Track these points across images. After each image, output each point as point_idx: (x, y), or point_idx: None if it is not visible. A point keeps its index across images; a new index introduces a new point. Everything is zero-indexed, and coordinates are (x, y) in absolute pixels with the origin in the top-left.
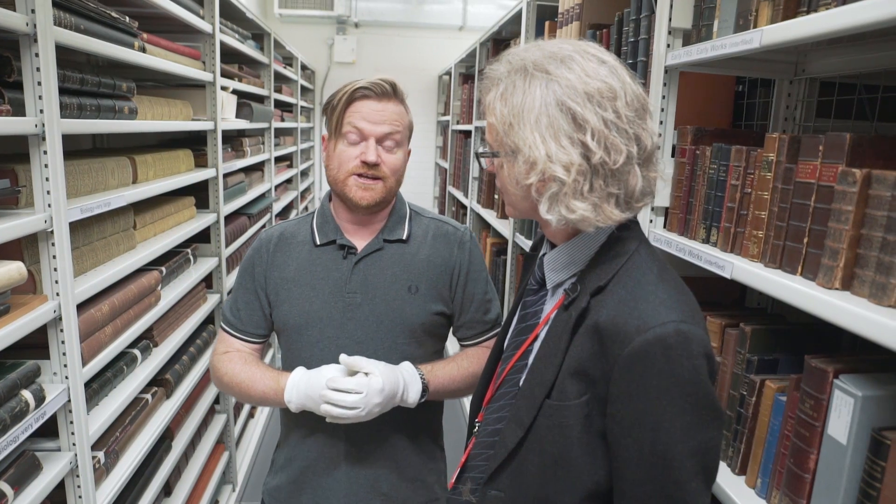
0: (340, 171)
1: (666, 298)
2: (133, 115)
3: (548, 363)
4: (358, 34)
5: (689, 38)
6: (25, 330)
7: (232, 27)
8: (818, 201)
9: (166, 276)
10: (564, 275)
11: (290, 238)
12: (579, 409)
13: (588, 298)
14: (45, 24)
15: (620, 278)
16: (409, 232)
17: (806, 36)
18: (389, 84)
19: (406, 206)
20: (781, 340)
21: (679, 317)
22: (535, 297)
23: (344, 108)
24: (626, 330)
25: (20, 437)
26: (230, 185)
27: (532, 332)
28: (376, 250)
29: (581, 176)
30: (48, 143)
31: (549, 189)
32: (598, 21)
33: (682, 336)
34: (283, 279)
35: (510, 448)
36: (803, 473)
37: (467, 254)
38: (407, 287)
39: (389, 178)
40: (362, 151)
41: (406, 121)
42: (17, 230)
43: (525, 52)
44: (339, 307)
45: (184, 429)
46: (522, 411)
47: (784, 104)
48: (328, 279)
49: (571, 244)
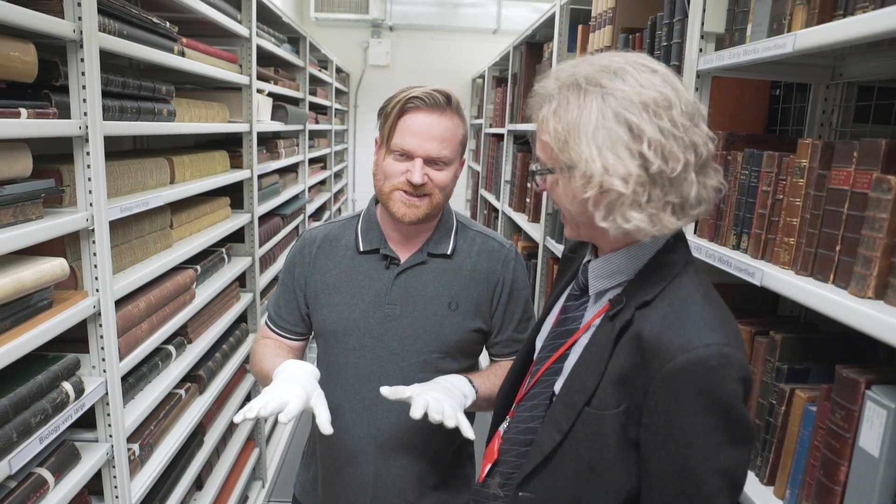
0: (386, 184)
1: (711, 320)
2: (172, 117)
3: (589, 371)
4: (392, 37)
5: (722, 43)
6: (66, 324)
7: (268, 31)
8: (851, 208)
9: (201, 275)
10: (610, 283)
11: (335, 241)
12: (617, 418)
13: (633, 311)
14: (91, 30)
15: (666, 294)
16: (455, 246)
17: (841, 40)
18: (444, 96)
19: (454, 217)
20: (813, 349)
21: (723, 340)
22: (577, 302)
23: (396, 119)
24: (670, 347)
25: (61, 426)
26: (264, 186)
27: (571, 336)
28: (419, 263)
29: (640, 186)
30: (91, 144)
31: (606, 198)
32: (631, 25)
33: (724, 359)
34: (324, 283)
35: (546, 452)
36: (833, 486)
37: (511, 272)
38: (447, 303)
39: (436, 195)
40: (408, 170)
41: (459, 135)
42: (61, 228)
43: (574, 68)
44: (377, 317)
45: (216, 424)
46: (561, 417)
47: (820, 109)
48: (369, 288)
49: (620, 254)
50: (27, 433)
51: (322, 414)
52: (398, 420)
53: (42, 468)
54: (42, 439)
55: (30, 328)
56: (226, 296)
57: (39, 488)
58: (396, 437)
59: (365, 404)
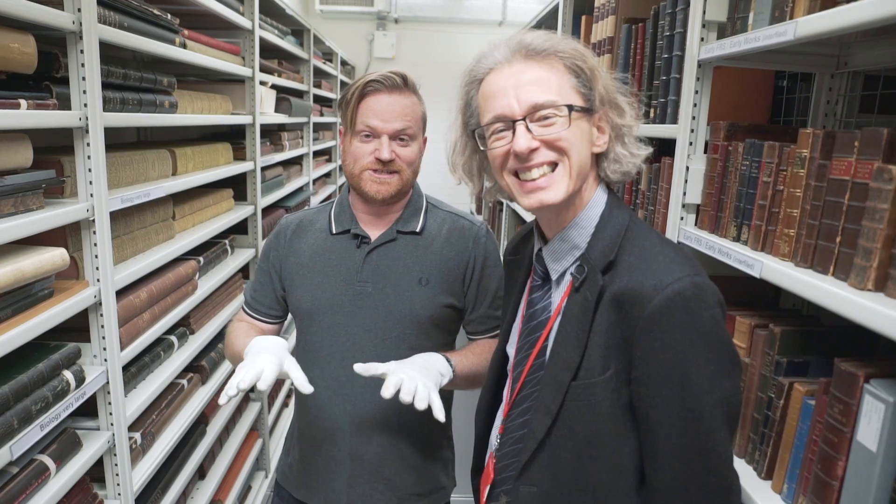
0: (356, 166)
1: (675, 256)
2: (174, 109)
3: (569, 346)
4: (398, 30)
5: (724, 32)
6: (67, 314)
7: (272, 23)
8: (852, 199)
9: (203, 266)
10: (568, 261)
11: (309, 225)
12: (606, 384)
13: (600, 276)
14: (90, 21)
15: (625, 249)
16: (424, 224)
17: (844, 26)
18: (400, 76)
19: (423, 198)
20: (813, 343)
21: (691, 271)
22: (541, 292)
23: (357, 104)
24: (644, 291)
25: (62, 414)
26: (268, 178)
27: (546, 326)
28: (389, 241)
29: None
30: (91, 135)
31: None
32: (634, 15)
33: (697, 288)
34: (298, 265)
35: (539, 438)
36: (831, 480)
37: (482, 249)
38: (418, 279)
39: (405, 171)
40: (376, 148)
41: (419, 112)
42: (61, 218)
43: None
44: (349, 295)
45: (218, 415)
46: (549, 399)
47: (824, 99)
48: (340, 267)
49: (567, 231)
50: (28, 420)
51: (297, 376)
52: (373, 398)
53: (44, 455)
54: (43, 426)
55: (31, 317)
56: (229, 287)
57: (41, 474)
58: (372, 415)
59: (340, 382)
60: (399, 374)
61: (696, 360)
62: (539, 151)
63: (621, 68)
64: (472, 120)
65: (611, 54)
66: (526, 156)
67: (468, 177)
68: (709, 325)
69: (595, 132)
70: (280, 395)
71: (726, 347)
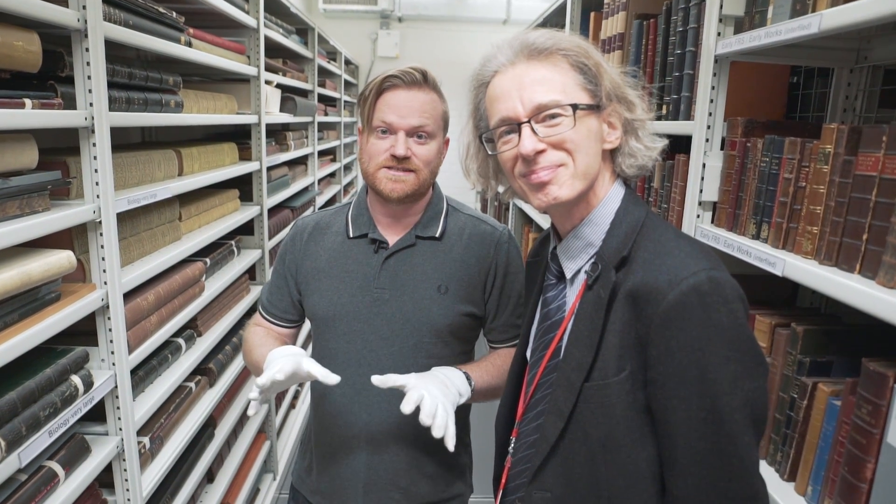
0: (371, 163)
1: (691, 251)
2: (179, 108)
3: (582, 346)
4: (402, 28)
5: (742, 26)
6: (75, 317)
7: (276, 22)
8: (880, 195)
9: (210, 267)
10: (583, 259)
11: (325, 228)
12: (621, 385)
13: (614, 273)
14: (95, 19)
15: (640, 244)
16: (444, 229)
17: (871, 18)
18: (420, 72)
19: (444, 201)
20: (836, 342)
21: (708, 265)
22: (556, 291)
23: (374, 100)
24: (659, 287)
25: (70, 420)
26: (274, 178)
27: (560, 326)
28: (408, 246)
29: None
30: (97, 135)
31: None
32: (645, 10)
33: (714, 283)
34: (314, 269)
35: (552, 441)
36: (859, 483)
37: (504, 255)
38: (436, 286)
39: (422, 170)
40: (392, 145)
41: (439, 110)
42: (67, 220)
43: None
44: (366, 302)
45: (226, 417)
46: (561, 401)
47: (843, 94)
48: (358, 273)
49: (581, 228)
50: (36, 426)
51: (318, 371)
52: (390, 406)
53: (52, 461)
54: (51, 433)
55: (38, 321)
56: (235, 288)
57: (50, 481)
58: (388, 424)
59: (357, 389)
60: (420, 391)
61: (715, 359)
62: (545, 154)
63: (632, 65)
64: (481, 124)
65: (621, 51)
66: (532, 158)
67: (484, 180)
68: (728, 321)
69: (605, 128)
70: (287, 397)
71: (748, 345)
